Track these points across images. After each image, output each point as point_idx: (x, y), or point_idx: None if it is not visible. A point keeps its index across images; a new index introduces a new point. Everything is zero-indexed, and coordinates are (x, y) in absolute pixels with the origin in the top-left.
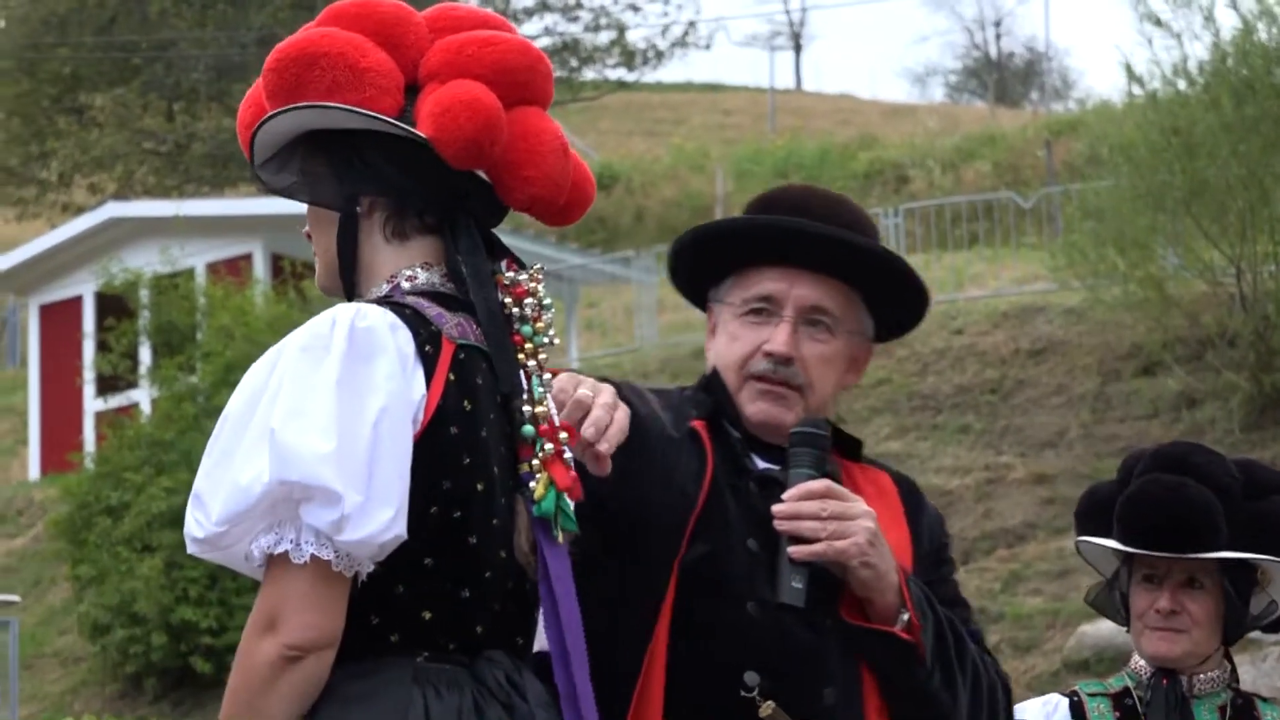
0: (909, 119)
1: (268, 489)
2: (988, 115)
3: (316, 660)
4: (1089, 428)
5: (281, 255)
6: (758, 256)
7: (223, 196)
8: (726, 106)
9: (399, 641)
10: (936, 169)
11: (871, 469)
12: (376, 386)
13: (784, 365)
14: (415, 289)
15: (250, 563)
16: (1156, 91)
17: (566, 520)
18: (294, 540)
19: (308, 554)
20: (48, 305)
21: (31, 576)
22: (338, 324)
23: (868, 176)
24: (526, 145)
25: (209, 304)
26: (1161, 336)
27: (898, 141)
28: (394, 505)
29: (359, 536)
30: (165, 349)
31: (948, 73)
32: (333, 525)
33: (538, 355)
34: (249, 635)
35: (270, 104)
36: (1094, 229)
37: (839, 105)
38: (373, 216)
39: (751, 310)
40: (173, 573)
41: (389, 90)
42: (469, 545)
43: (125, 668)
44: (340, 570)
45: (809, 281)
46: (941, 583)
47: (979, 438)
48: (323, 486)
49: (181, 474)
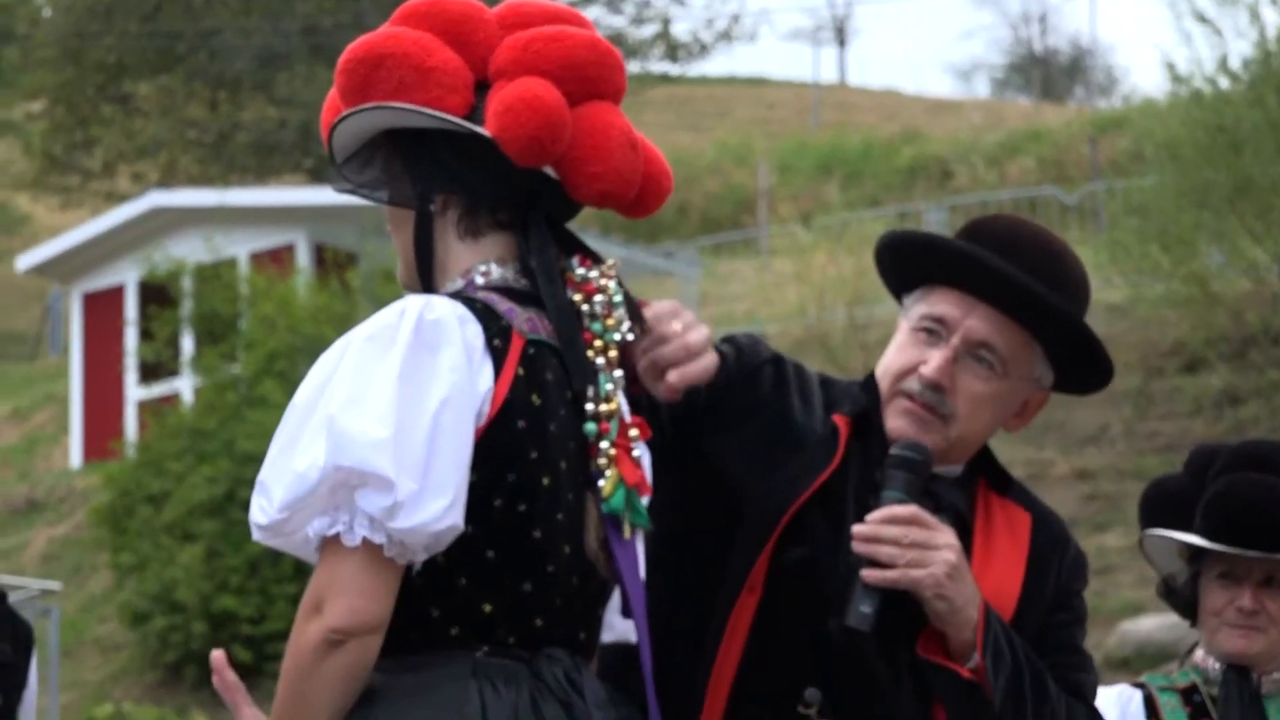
0: (953, 114)
1: (324, 474)
2: (1032, 111)
3: (360, 645)
4: (1131, 424)
5: (324, 245)
6: (945, 277)
7: (266, 186)
8: (770, 100)
9: (459, 635)
10: (981, 164)
11: (1014, 506)
12: (439, 377)
13: (933, 391)
14: (489, 284)
15: (310, 547)
16: (1200, 89)
17: (637, 516)
18: (347, 523)
19: (359, 537)
20: (91, 294)
21: (72, 564)
22: (406, 315)
23: (911, 171)
24: (593, 141)
25: (252, 293)
26: (1205, 334)
27: (942, 137)
28: (449, 495)
29: (412, 524)
30: (207, 338)
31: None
32: (385, 511)
33: (608, 352)
34: (298, 618)
35: (343, 104)
36: (1138, 226)
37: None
38: (446, 214)
39: (924, 328)
40: (213, 561)
41: (457, 88)
42: (532, 539)
43: (165, 656)
44: (391, 557)
45: (985, 316)
46: (1056, 629)
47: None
48: (376, 473)
49: (223, 463)
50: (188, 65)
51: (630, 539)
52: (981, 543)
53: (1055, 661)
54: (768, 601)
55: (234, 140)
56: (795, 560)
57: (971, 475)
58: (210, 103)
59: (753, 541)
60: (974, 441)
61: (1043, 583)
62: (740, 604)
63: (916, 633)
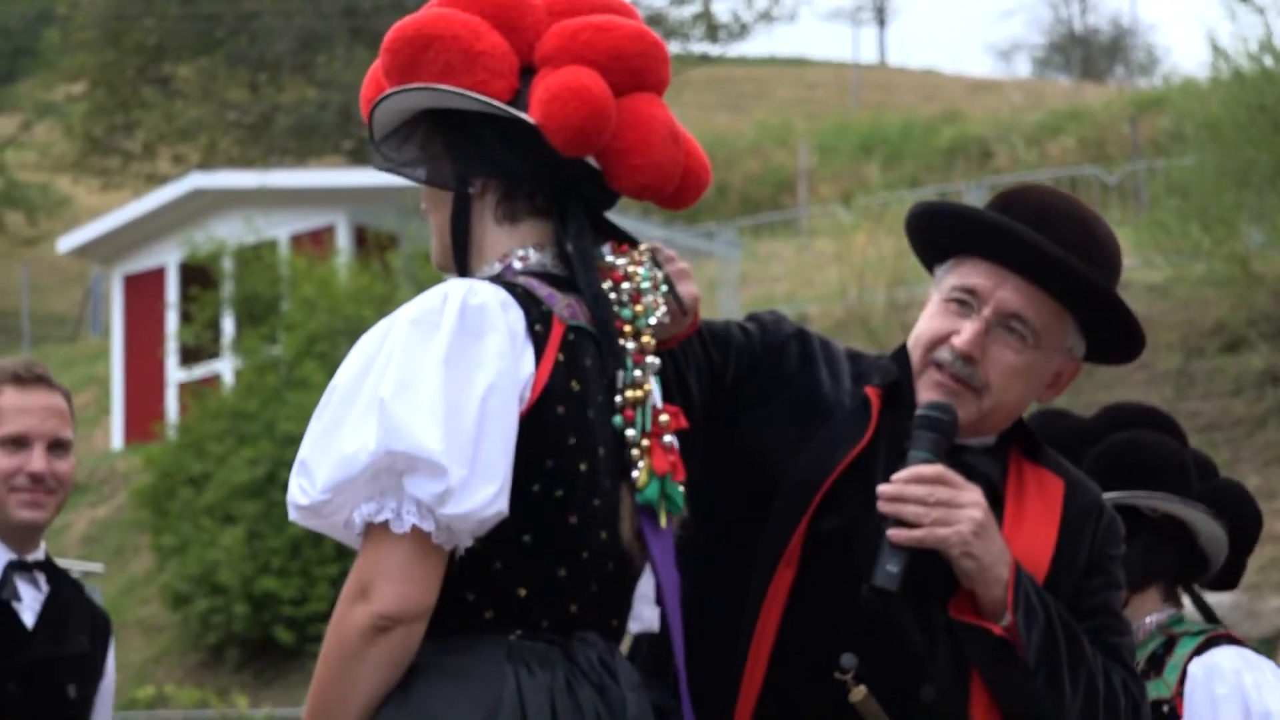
0: (994, 94)
1: (374, 458)
2: (1072, 90)
3: (406, 631)
4: (1172, 404)
5: (365, 227)
6: (976, 248)
7: (306, 168)
8: (810, 81)
9: (493, 618)
10: (1021, 144)
11: (1047, 472)
12: (485, 363)
13: (964, 363)
14: (527, 269)
15: (350, 530)
16: (1242, 68)
17: (671, 505)
18: (395, 510)
19: (409, 524)
20: (132, 275)
21: (114, 546)
22: (449, 299)
23: (951, 152)
24: (636, 134)
25: (292, 275)
26: (1245, 313)
27: (982, 117)
28: (497, 481)
29: (462, 510)
30: (248, 320)
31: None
32: (436, 498)
33: (640, 338)
34: (343, 601)
35: (388, 82)
36: (1179, 205)
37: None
38: (485, 197)
39: (955, 299)
40: (254, 543)
41: (503, 73)
42: (569, 524)
43: (207, 638)
44: (439, 544)
45: (1017, 287)
46: (1091, 593)
47: None
48: (429, 459)
49: (264, 445)
50: (228, 47)
51: (665, 528)
52: (1013, 508)
53: (1091, 625)
54: (803, 574)
55: (274, 122)
56: (829, 531)
57: (1004, 444)
58: (250, 85)
59: (788, 515)
60: (1007, 413)
61: (1076, 547)
62: (777, 578)
63: (948, 595)
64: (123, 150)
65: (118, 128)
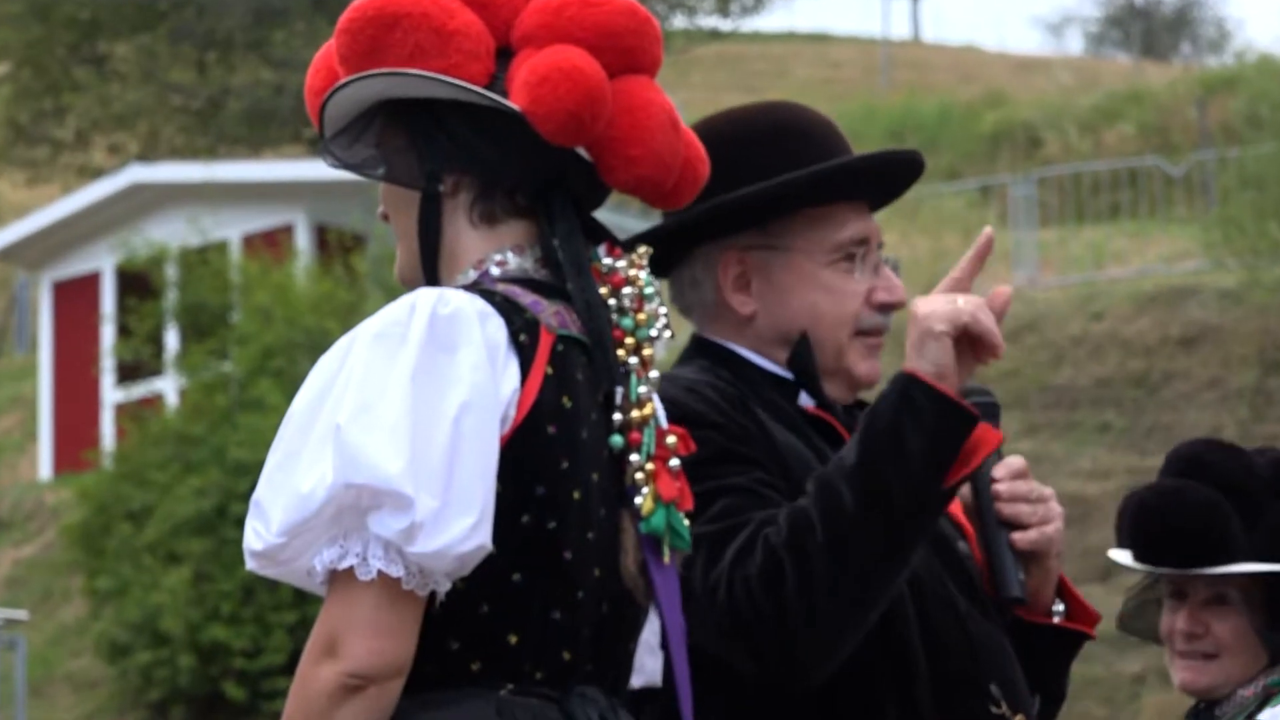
0: (1042, 74)
1: (331, 494)
2: (1132, 70)
3: (380, 691)
4: (1247, 426)
5: (327, 226)
6: (842, 195)
7: (260, 159)
8: (834, 59)
9: (481, 670)
10: (1073, 131)
11: None
12: (459, 379)
13: (896, 311)
14: (506, 275)
15: (313, 579)
16: None
17: (677, 539)
18: (360, 554)
19: (375, 569)
20: (62, 282)
21: (41, 589)
22: (417, 310)
23: (995, 139)
24: (632, 120)
25: (244, 281)
26: None
27: (1029, 100)
28: (475, 512)
29: (434, 547)
30: (194, 332)
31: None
32: (403, 534)
33: (641, 351)
34: (307, 659)
35: (343, 69)
36: (1253, 200)
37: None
38: (457, 196)
39: (845, 257)
40: (202, 586)
41: (478, 55)
42: (563, 561)
43: (148, 694)
44: (412, 589)
45: (866, 215)
46: None
47: (1121, 437)
48: (392, 490)
49: (212, 474)
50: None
51: (670, 563)
52: None
53: None
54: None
55: (224, 108)
56: None
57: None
58: (197, 65)
59: None
60: None
61: None
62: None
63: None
64: (52, 139)
65: (46, 113)
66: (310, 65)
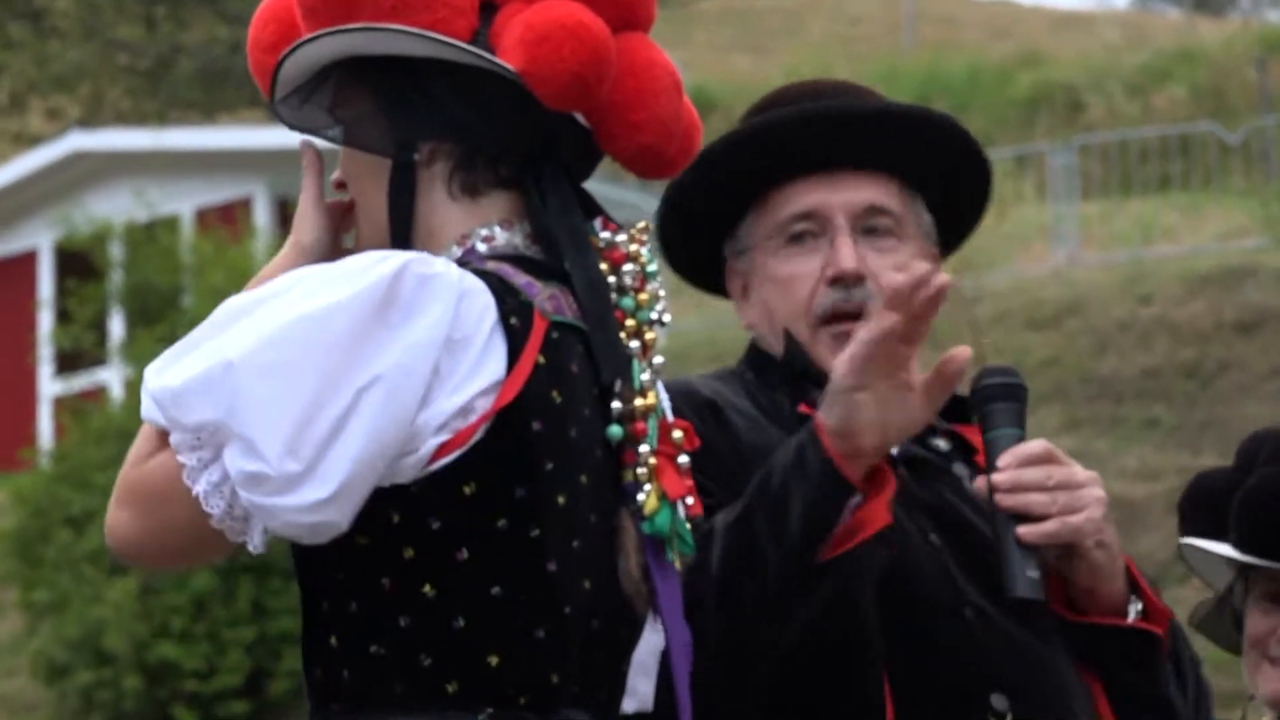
0: (1084, 30)
1: (203, 421)
2: (1184, 26)
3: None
4: None
5: (289, 199)
6: (781, 171)
7: (215, 125)
8: (853, 13)
9: (458, 693)
10: (1119, 94)
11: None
12: (388, 351)
13: (857, 286)
14: (495, 252)
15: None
16: None
17: (682, 543)
18: (203, 462)
19: (201, 491)
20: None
21: None
22: (385, 262)
23: (1032, 103)
24: (636, 83)
25: (197, 261)
26: None
27: (1070, 59)
28: (332, 487)
29: (270, 504)
30: (141, 317)
31: None
32: (247, 479)
33: (642, 334)
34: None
35: (307, 23)
36: None
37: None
38: (434, 166)
39: (792, 237)
40: (149, 599)
41: (463, 10)
42: (546, 573)
43: (90, 718)
44: (221, 529)
45: (854, 181)
46: None
47: (1171, 434)
48: (252, 441)
49: None
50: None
51: (673, 569)
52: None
53: None
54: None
55: (175, 67)
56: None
57: None
58: (145, 20)
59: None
60: None
61: None
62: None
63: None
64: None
65: None
66: (255, 16)
